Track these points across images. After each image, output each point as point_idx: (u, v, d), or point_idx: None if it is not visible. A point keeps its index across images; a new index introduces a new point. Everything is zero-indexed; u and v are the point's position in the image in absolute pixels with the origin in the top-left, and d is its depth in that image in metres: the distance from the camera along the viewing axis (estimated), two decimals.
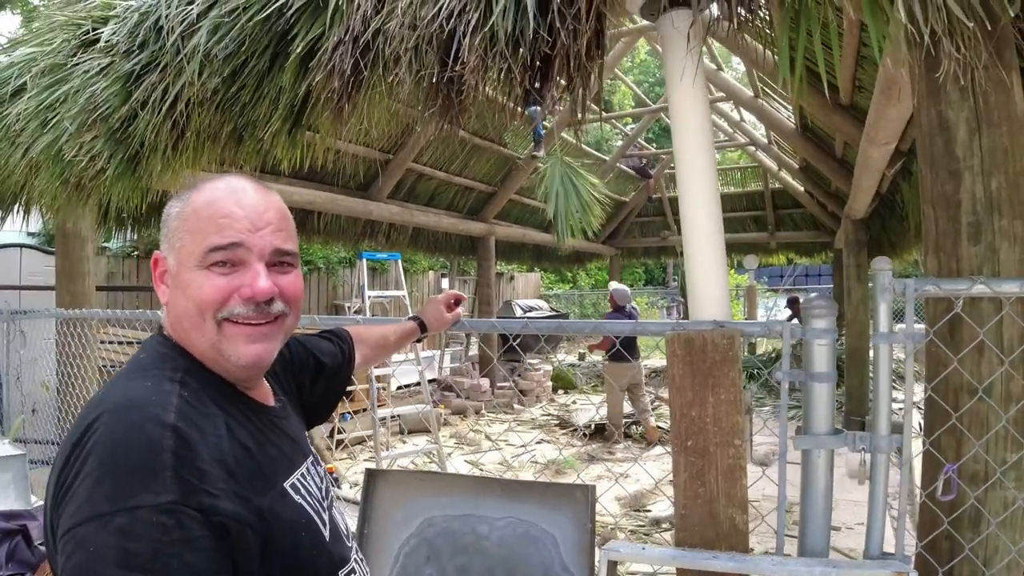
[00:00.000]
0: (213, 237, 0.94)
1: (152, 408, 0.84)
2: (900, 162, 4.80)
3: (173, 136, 2.52)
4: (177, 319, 0.98)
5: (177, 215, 0.99)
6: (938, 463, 1.75)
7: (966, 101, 1.73)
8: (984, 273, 1.73)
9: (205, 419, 0.88)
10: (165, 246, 1.00)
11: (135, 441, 0.80)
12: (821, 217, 10.75)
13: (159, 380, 0.90)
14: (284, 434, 1.05)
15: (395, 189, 7.71)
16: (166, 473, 0.78)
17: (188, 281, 0.95)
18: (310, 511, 1.00)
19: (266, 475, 0.94)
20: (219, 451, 0.86)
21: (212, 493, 0.81)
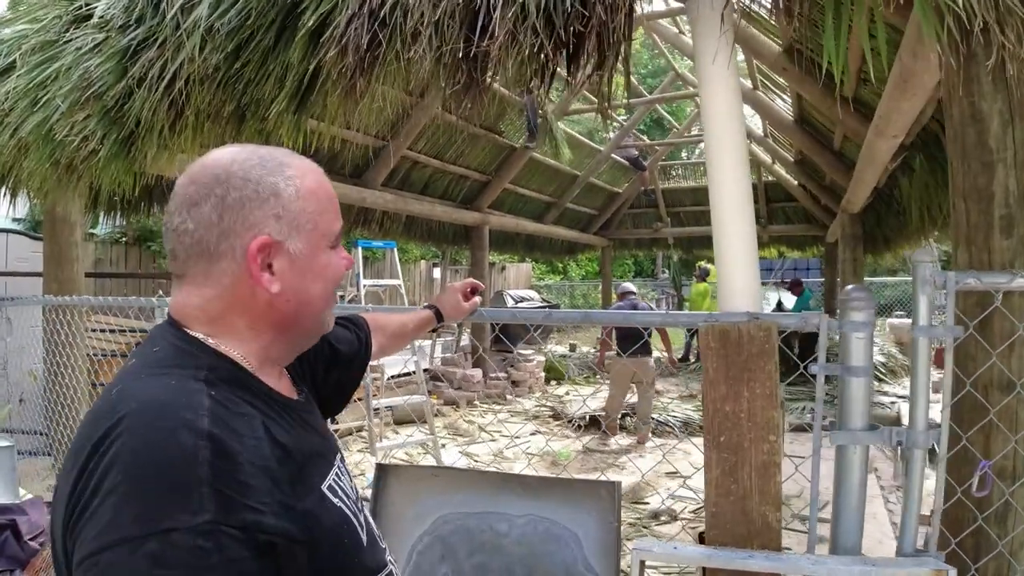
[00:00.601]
0: (336, 221, 0.96)
1: (183, 412, 0.74)
2: (902, 156, 4.77)
3: (171, 115, 2.42)
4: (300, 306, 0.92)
5: (297, 196, 0.89)
6: (965, 460, 1.71)
7: (999, 93, 1.69)
8: (1017, 266, 1.69)
9: (240, 420, 0.79)
10: (278, 228, 0.88)
11: (166, 451, 0.70)
12: (813, 211, 10.75)
13: (183, 379, 0.80)
14: (314, 430, 0.97)
15: (389, 177, 7.59)
16: (203, 489, 0.69)
17: (326, 263, 0.94)
18: (349, 514, 0.92)
19: (306, 477, 0.86)
20: (260, 456, 0.77)
21: (256, 508, 0.72)
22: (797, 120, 6.64)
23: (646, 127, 19.20)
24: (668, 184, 13.51)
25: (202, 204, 0.86)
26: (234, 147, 0.92)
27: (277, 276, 0.88)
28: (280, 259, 0.88)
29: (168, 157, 2.62)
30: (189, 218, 0.86)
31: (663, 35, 7.16)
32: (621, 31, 1.59)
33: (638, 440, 6.59)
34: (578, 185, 11.46)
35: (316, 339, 1.01)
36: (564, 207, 11.73)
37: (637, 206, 13.74)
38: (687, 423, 7.11)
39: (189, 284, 0.89)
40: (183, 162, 2.90)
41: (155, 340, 0.89)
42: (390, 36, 1.85)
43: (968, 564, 1.61)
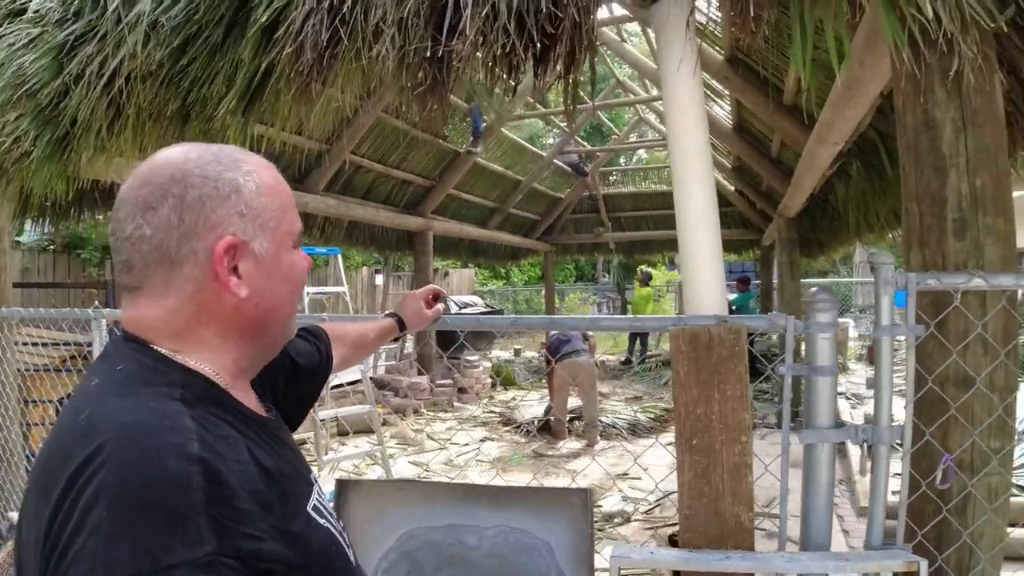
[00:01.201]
0: (297, 219, 0.92)
1: (169, 436, 0.68)
2: (839, 163, 4.95)
3: (109, 115, 2.28)
4: (269, 311, 0.87)
5: (259, 192, 0.84)
6: (925, 454, 1.76)
7: (953, 101, 1.76)
8: (969, 268, 1.75)
9: (224, 444, 0.73)
10: (243, 227, 0.82)
11: (157, 480, 0.64)
12: (750, 215, 11.07)
13: (160, 399, 0.73)
14: (289, 448, 0.92)
15: (331, 181, 7.43)
16: (199, 519, 0.63)
17: (292, 263, 0.89)
18: (335, 534, 0.88)
19: (293, 499, 0.81)
20: (248, 480, 0.72)
21: (253, 536, 0.67)
22: (736, 128, 6.82)
23: (586, 133, 19.46)
24: (608, 189, 13.69)
25: (159, 207, 0.79)
26: (183, 146, 0.85)
27: (244, 279, 0.82)
28: (246, 261, 0.83)
29: (105, 160, 2.47)
30: (145, 223, 0.79)
31: (606, 42, 7.24)
32: (592, 33, 1.58)
33: (587, 443, 6.62)
34: (521, 190, 11.49)
35: (281, 347, 0.96)
36: (507, 212, 11.75)
37: (579, 211, 13.88)
38: (634, 425, 7.18)
39: (147, 296, 0.82)
40: (120, 165, 2.74)
41: (115, 357, 0.82)
42: (350, 34, 1.79)
43: (934, 555, 1.65)
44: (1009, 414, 1.75)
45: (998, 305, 1.72)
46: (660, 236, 13.13)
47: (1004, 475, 1.77)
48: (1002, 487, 1.77)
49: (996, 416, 1.71)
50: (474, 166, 9.56)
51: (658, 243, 13.64)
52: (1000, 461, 1.74)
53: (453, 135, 8.76)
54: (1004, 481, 1.77)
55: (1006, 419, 1.73)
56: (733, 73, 4.97)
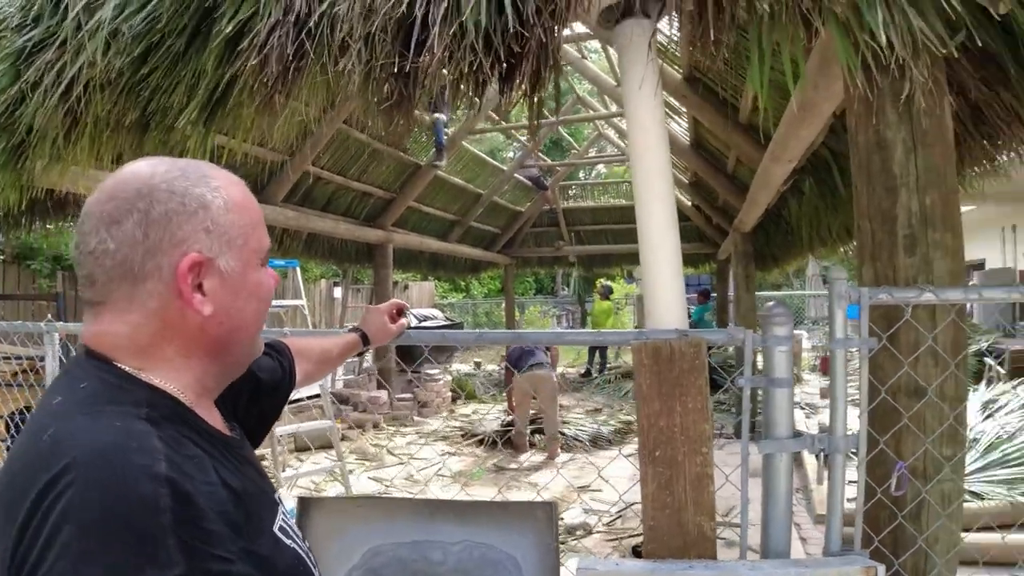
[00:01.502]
0: (265, 236, 0.91)
1: (137, 457, 0.67)
2: (793, 179, 5.10)
3: (66, 123, 2.23)
4: (235, 329, 0.86)
5: (226, 208, 0.84)
6: (879, 462, 1.82)
7: (904, 123, 1.83)
8: (919, 282, 1.82)
9: (191, 464, 0.72)
10: (209, 244, 0.82)
11: (126, 501, 0.64)
12: (706, 230, 11.30)
13: (127, 419, 0.72)
14: (253, 468, 0.91)
15: (290, 192, 7.35)
16: (169, 540, 0.63)
17: (259, 281, 0.89)
18: (302, 554, 0.88)
19: (259, 519, 0.80)
20: (217, 501, 0.71)
21: (223, 557, 0.67)
22: (693, 144, 6.97)
23: (546, 148, 19.63)
24: (568, 204, 13.82)
25: (124, 221, 0.78)
26: (150, 159, 0.85)
27: (209, 296, 0.82)
28: (211, 278, 0.82)
29: (60, 169, 2.41)
30: (109, 237, 0.78)
31: (567, 59, 7.34)
32: (557, 53, 1.60)
33: (548, 456, 6.64)
34: (482, 204, 11.52)
35: (247, 366, 0.95)
36: (468, 225, 11.76)
37: (539, 225, 13.97)
38: (595, 437, 7.23)
39: (110, 311, 0.81)
40: (76, 175, 2.67)
41: (77, 374, 0.80)
42: (316, 47, 1.79)
43: (891, 560, 1.70)
44: (960, 422, 1.81)
45: (948, 318, 1.79)
46: (619, 250, 13.31)
47: (956, 481, 1.84)
48: (955, 493, 1.83)
49: (947, 425, 1.77)
50: (435, 179, 9.56)
51: (617, 257, 13.82)
52: (952, 468, 1.81)
53: (414, 148, 8.74)
54: (957, 487, 1.84)
55: (957, 427, 1.80)
56: (691, 91, 5.09)
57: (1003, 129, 2.55)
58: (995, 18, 1.67)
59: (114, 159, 2.61)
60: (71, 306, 7.43)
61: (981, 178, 3.15)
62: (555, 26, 1.50)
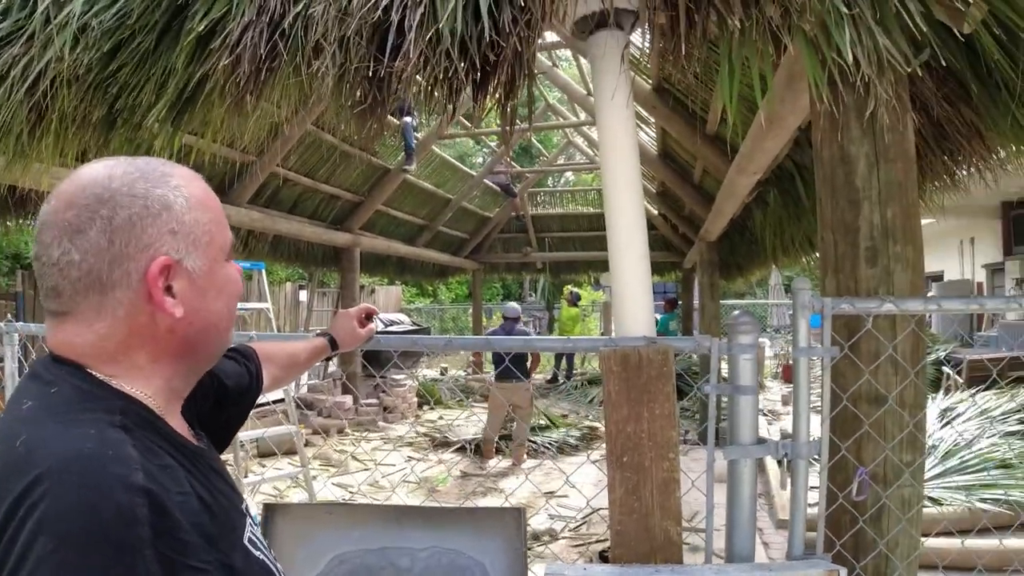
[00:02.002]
0: (228, 230, 0.90)
1: (113, 466, 0.66)
2: (757, 191, 5.21)
3: (31, 119, 2.17)
4: (204, 329, 0.85)
5: (188, 207, 0.82)
6: (840, 467, 1.86)
7: (867, 138, 1.89)
8: (880, 293, 1.88)
9: (165, 474, 0.71)
10: (175, 245, 0.80)
11: (102, 512, 0.62)
12: (672, 239, 11.45)
13: (101, 427, 0.71)
14: (221, 478, 0.89)
15: (256, 194, 7.24)
16: (146, 551, 0.62)
17: (226, 277, 0.87)
18: (270, 566, 0.87)
19: (229, 530, 0.80)
20: (191, 512, 0.71)
21: (199, 568, 0.67)
22: (661, 154, 7.06)
23: (515, 154, 19.70)
24: (537, 210, 13.88)
25: (87, 230, 0.76)
26: (106, 161, 0.82)
27: (179, 298, 0.80)
28: (180, 279, 0.81)
29: (23, 166, 2.34)
30: (73, 248, 0.76)
31: (539, 67, 7.38)
32: (531, 62, 1.62)
33: (514, 462, 6.64)
34: (450, 209, 11.50)
35: (216, 360, 0.96)
36: (436, 230, 11.73)
37: (507, 231, 14.00)
38: (561, 444, 7.25)
39: (76, 321, 0.79)
40: (39, 172, 2.61)
41: (47, 379, 0.78)
42: (290, 49, 1.77)
43: (852, 563, 1.74)
44: (919, 429, 1.87)
45: (908, 328, 1.84)
46: (586, 257, 13.41)
47: (916, 487, 1.89)
48: (915, 498, 1.88)
49: (907, 431, 1.82)
50: (404, 183, 9.51)
51: (584, 263, 13.92)
52: (912, 474, 1.86)
53: (383, 151, 8.70)
54: (916, 492, 1.89)
55: (916, 434, 1.85)
56: (660, 103, 5.17)
57: (964, 145, 2.63)
58: (958, 37, 1.73)
59: (78, 156, 2.55)
60: (30, 305, 7.21)
61: (941, 192, 3.25)
62: (530, 35, 1.51)
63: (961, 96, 2.29)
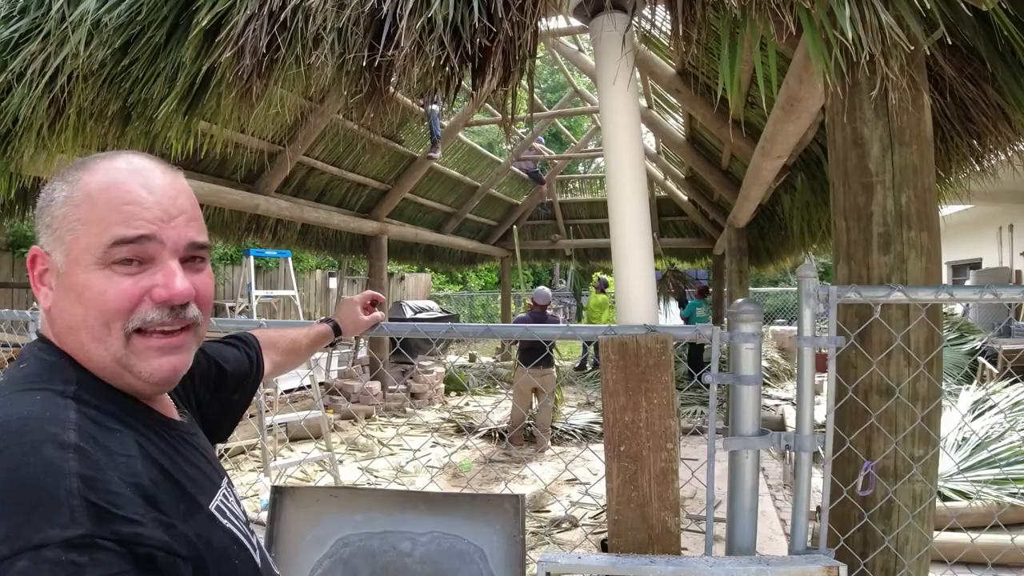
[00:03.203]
0: (117, 228, 0.79)
1: (47, 426, 0.70)
2: (785, 175, 5.10)
3: (51, 114, 2.24)
4: (68, 329, 0.81)
5: (65, 201, 0.80)
6: (849, 460, 1.83)
7: (880, 120, 1.82)
8: (893, 281, 1.82)
9: (110, 437, 0.74)
10: (47, 239, 0.82)
11: (31, 467, 0.66)
12: (702, 225, 11.29)
13: (49, 395, 0.75)
14: (198, 451, 0.92)
15: (284, 183, 7.34)
16: (73, 501, 0.65)
17: (85, 283, 0.79)
18: (240, 535, 0.89)
19: (189, 497, 0.81)
20: (132, 473, 0.73)
21: (132, 519, 0.68)
22: (688, 139, 6.96)
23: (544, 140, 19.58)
24: (565, 197, 13.80)
25: None
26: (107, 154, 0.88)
27: (53, 291, 0.83)
28: (51, 273, 0.83)
29: (47, 158, 2.42)
30: None
31: (563, 52, 7.32)
32: (527, 47, 1.60)
33: (538, 449, 6.66)
34: (478, 196, 11.51)
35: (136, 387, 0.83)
36: (464, 217, 11.75)
37: (536, 218, 13.96)
38: (586, 431, 7.25)
39: None
40: (62, 163, 2.69)
41: (24, 355, 0.85)
42: (290, 40, 1.79)
43: (857, 559, 1.71)
44: (931, 423, 1.81)
45: (919, 317, 1.79)
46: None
47: (926, 482, 1.84)
48: (926, 494, 1.83)
49: (918, 425, 1.77)
50: (430, 170, 9.54)
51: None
52: (923, 468, 1.81)
53: (409, 139, 8.72)
54: (927, 488, 1.84)
55: (927, 428, 1.80)
56: (684, 86, 5.08)
57: (989, 128, 2.53)
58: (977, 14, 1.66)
59: (100, 147, 2.62)
60: None
61: (970, 178, 3.14)
62: (524, 20, 1.50)
63: (985, 76, 2.20)
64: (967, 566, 2.80)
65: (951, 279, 13.61)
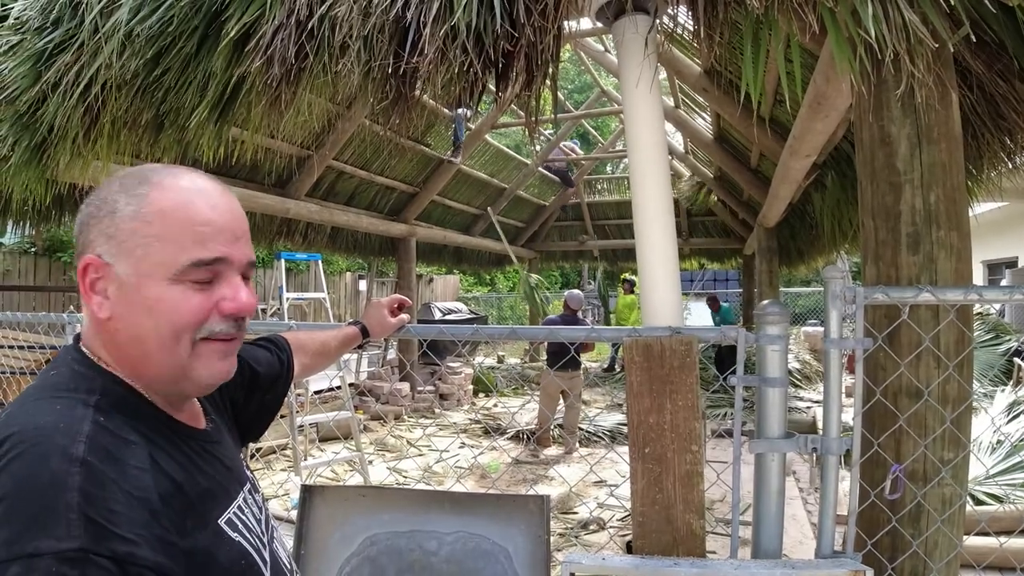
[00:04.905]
0: (195, 250, 0.83)
1: (59, 438, 0.73)
2: (815, 174, 5.03)
3: (85, 122, 2.31)
4: (134, 339, 0.84)
5: (134, 215, 0.83)
6: (878, 463, 1.80)
7: (908, 118, 1.79)
8: (922, 281, 1.79)
9: (124, 448, 0.77)
10: (108, 249, 0.83)
11: (38, 477, 0.69)
12: (732, 224, 11.18)
13: (71, 403, 0.78)
14: (217, 461, 0.93)
15: (314, 187, 7.45)
16: (71, 515, 0.67)
17: (159, 297, 0.82)
18: (249, 549, 0.90)
19: (199, 512, 0.83)
20: (140, 487, 0.74)
21: (128, 539, 0.69)
22: (716, 138, 6.90)
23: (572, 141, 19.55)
24: (594, 198, 13.77)
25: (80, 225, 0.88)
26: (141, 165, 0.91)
27: (110, 301, 0.84)
28: (110, 283, 0.84)
29: (82, 165, 2.50)
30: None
31: (590, 52, 7.31)
32: (549, 52, 1.61)
33: (566, 451, 6.66)
34: (506, 198, 11.53)
35: (187, 390, 0.89)
36: (491, 219, 11.79)
37: (563, 219, 13.94)
38: (614, 433, 7.22)
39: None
40: (97, 170, 2.77)
41: (57, 362, 0.87)
42: (317, 48, 1.82)
43: (884, 564, 1.69)
44: (961, 426, 1.78)
45: (948, 318, 1.76)
46: None
47: (956, 486, 1.81)
48: (955, 497, 1.80)
49: (948, 427, 1.75)
50: (458, 173, 9.60)
51: None
52: (952, 472, 1.78)
53: (436, 142, 8.78)
54: (957, 492, 1.81)
55: (956, 431, 1.77)
56: (711, 84, 5.04)
57: (1020, 124, 2.48)
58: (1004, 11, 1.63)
59: (134, 155, 2.69)
60: None
61: (1001, 176, 3.07)
62: (545, 25, 1.51)
63: (1015, 72, 2.16)
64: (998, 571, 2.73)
65: (987, 278, 13.26)
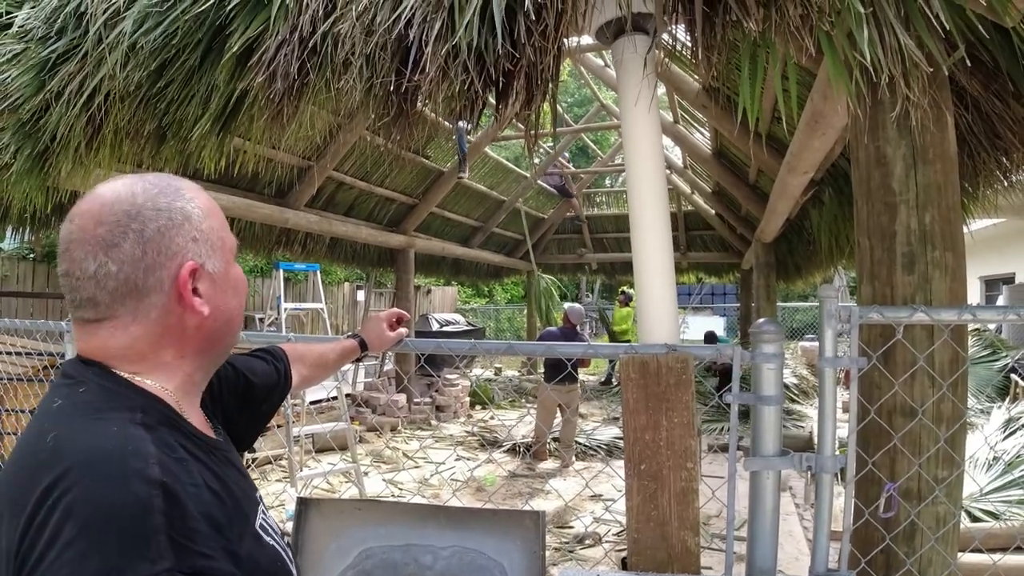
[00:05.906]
0: (231, 235, 0.98)
1: (133, 461, 0.73)
2: (812, 190, 5.06)
3: (88, 132, 2.33)
4: (227, 322, 0.95)
5: (204, 216, 0.92)
6: (872, 481, 1.81)
7: (904, 139, 1.82)
8: (917, 301, 1.81)
9: (181, 467, 0.78)
10: (198, 250, 0.89)
11: (122, 503, 0.70)
12: (730, 239, 11.21)
13: (123, 424, 0.78)
14: (235, 469, 0.95)
15: (313, 198, 7.46)
16: (159, 537, 0.69)
17: (237, 275, 0.96)
18: (281, 551, 0.93)
19: (240, 520, 0.85)
20: (202, 503, 0.77)
21: (207, 554, 0.73)
22: (715, 153, 6.94)
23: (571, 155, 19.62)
24: (592, 211, 13.81)
25: (121, 243, 0.83)
26: (123, 180, 0.89)
27: (205, 298, 0.89)
28: (204, 281, 0.90)
29: (84, 174, 2.51)
30: (109, 260, 0.83)
31: (589, 67, 7.36)
32: (550, 71, 1.63)
33: (562, 465, 6.64)
34: (504, 210, 11.57)
35: (230, 351, 1.04)
36: (490, 231, 11.82)
37: (562, 232, 13.97)
38: (611, 447, 7.21)
39: (112, 326, 0.86)
40: (99, 178, 2.78)
41: (76, 379, 0.85)
42: (320, 65, 1.84)
43: None
44: (955, 444, 1.79)
45: (942, 338, 1.77)
46: None
47: (950, 504, 1.82)
48: (949, 516, 1.81)
49: (942, 446, 1.75)
50: (457, 185, 9.62)
51: None
52: (946, 490, 1.79)
53: (436, 154, 8.82)
54: (951, 510, 1.82)
55: (950, 450, 1.78)
56: (709, 101, 5.08)
57: (1016, 143, 2.51)
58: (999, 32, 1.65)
59: (136, 164, 2.71)
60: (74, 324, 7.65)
61: (996, 195, 3.09)
62: (546, 45, 1.53)
63: (1012, 93, 2.18)
64: None
65: (984, 294, 13.30)
